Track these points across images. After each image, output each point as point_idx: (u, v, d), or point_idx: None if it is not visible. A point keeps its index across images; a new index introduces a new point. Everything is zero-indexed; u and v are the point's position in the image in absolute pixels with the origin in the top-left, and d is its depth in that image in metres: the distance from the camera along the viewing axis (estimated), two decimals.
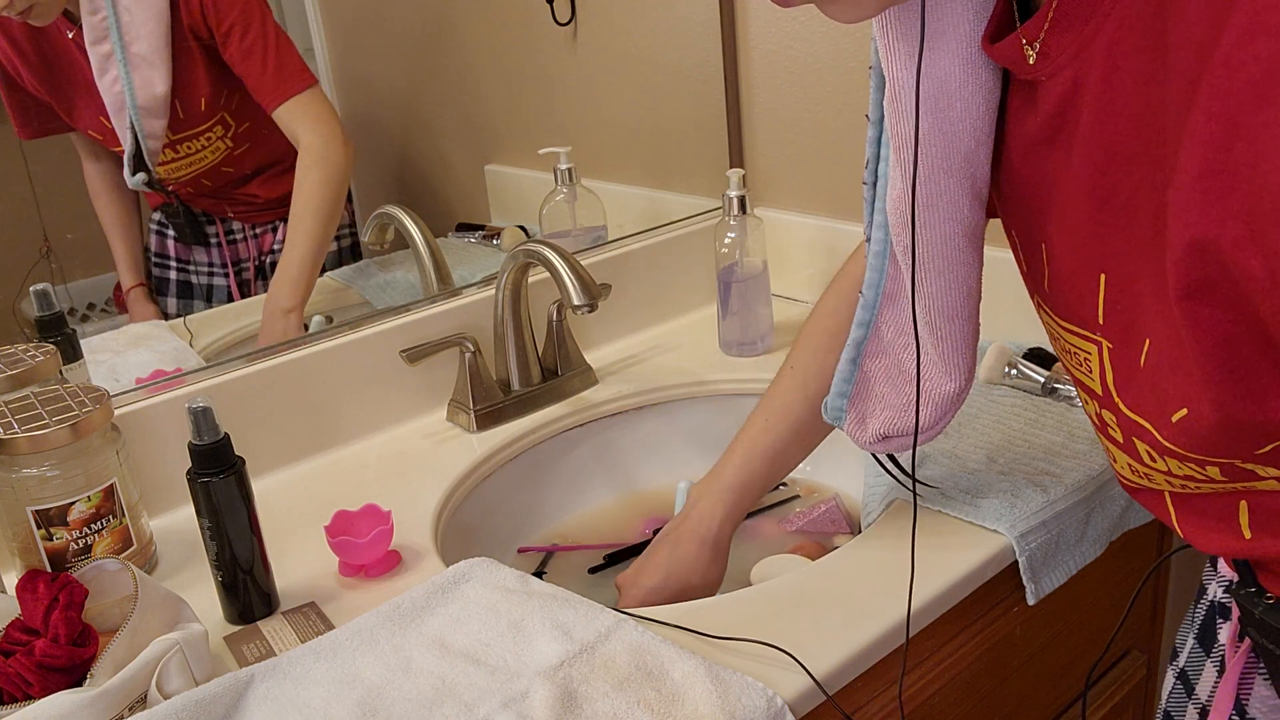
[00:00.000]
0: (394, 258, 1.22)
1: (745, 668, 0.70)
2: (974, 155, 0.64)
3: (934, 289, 0.70)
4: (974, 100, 0.62)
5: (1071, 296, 0.61)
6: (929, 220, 0.67)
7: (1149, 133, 0.49)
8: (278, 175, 1.15)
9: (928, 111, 0.63)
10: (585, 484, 1.15)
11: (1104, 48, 0.51)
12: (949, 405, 0.76)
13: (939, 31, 0.60)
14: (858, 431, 0.80)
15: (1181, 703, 0.78)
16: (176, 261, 1.15)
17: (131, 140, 1.05)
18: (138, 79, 1.03)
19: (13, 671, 0.69)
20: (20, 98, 1.00)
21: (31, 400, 0.85)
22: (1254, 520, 0.60)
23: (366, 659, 0.73)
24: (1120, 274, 0.55)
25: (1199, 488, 0.60)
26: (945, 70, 0.61)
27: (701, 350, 1.27)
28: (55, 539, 0.83)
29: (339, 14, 1.18)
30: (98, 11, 1.00)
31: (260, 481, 1.00)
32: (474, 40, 1.32)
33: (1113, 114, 0.52)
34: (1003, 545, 0.82)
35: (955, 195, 0.66)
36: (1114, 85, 0.51)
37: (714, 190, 1.34)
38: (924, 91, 0.62)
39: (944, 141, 0.64)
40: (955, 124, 0.63)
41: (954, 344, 0.73)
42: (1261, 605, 0.65)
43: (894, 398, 0.78)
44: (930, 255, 0.69)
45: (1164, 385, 0.54)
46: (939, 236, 0.68)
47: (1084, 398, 0.65)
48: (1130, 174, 0.52)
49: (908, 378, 0.76)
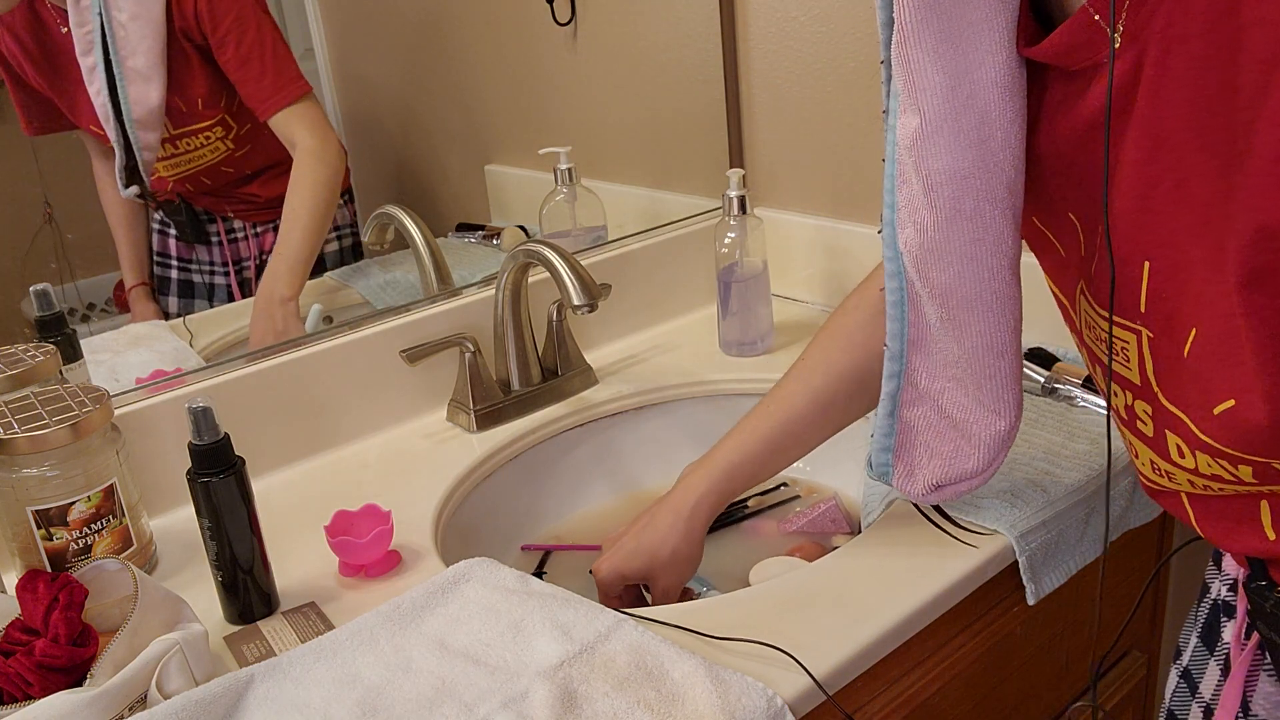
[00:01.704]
0: (394, 258, 1.23)
1: (745, 668, 0.70)
2: (1014, 183, 0.63)
3: (982, 326, 0.68)
4: (1012, 127, 0.61)
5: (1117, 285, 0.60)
6: (974, 254, 0.65)
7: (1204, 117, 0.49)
8: (278, 176, 1.15)
9: (969, 144, 0.61)
10: (585, 484, 1.15)
11: (1159, 30, 0.50)
12: (1000, 445, 0.74)
13: (975, 61, 0.59)
14: (907, 484, 0.79)
15: (1185, 701, 0.78)
16: (178, 260, 1.15)
17: (124, 152, 1.05)
18: (133, 92, 1.02)
19: (13, 671, 0.69)
20: (25, 93, 1.00)
21: (31, 400, 0.85)
22: (1278, 519, 0.60)
23: (366, 659, 0.73)
24: (1166, 262, 0.54)
25: (1221, 489, 0.59)
26: (984, 100, 0.60)
27: (701, 350, 1.27)
28: (55, 539, 0.83)
29: (339, 14, 1.18)
30: (85, 25, 0.99)
31: (260, 481, 1.00)
32: (474, 40, 1.32)
33: (1163, 100, 0.51)
34: (1003, 545, 0.82)
35: (1000, 228, 0.64)
36: (1167, 69, 0.50)
37: (714, 190, 1.34)
38: (965, 124, 0.61)
39: (987, 175, 0.62)
40: (997, 154, 0.61)
41: (1001, 380, 0.71)
42: (1273, 599, 0.65)
43: (940, 445, 0.76)
44: (978, 293, 0.67)
45: (1210, 376, 0.53)
46: (987, 272, 0.66)
47: (1115, 389, 0.64)
48: (1181, 160, 0.51)
49: (951, 423, 0.74)
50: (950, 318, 0.69)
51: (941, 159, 0.62)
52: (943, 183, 0.63)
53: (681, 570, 0.89)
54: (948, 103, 0.60)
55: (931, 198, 0.64)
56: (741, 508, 1.10)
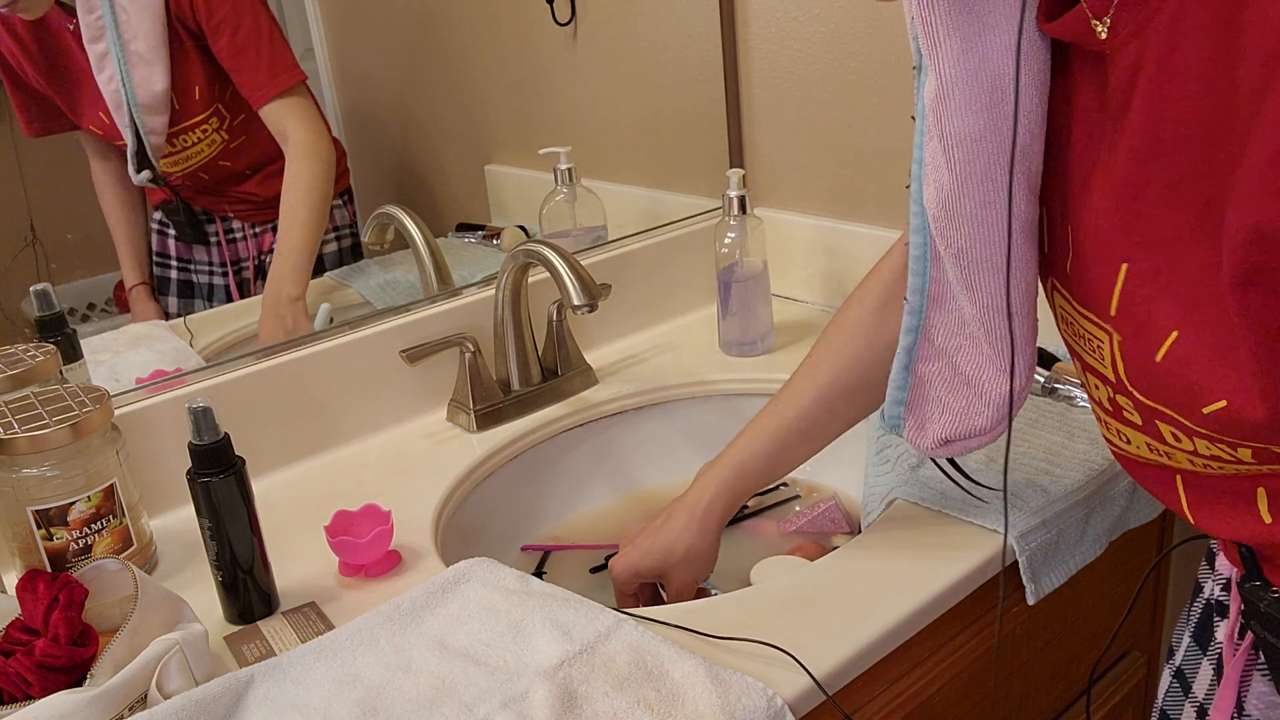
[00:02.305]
0: (394, 258, 1.23)
1: (745, 668, 0.70)
2: (1029, 149, 0.63)
3: (993, 288, 0.68)
4: (1028, 92, 0.61)
5: (1087, 284, 0.60)
6: (986, 218, 0.65)
7: (1205, 116, 0.48)
8: (275, 174, 1.15)
9: (981, 108, 0.61)
10: (585, 484, 1.15)
11: (1165, 24, 0.50)
12: (1009, 405, 0.74)
13: (989, 24, 0.59)
14: (917, 437, 0.79)
15: (1178, 701, 0.78)
16: (177, 260, 1.15)
17: (134, 137, 1.05)
18: (137, 77, 1.03)
19: (13, 671, 0.69)
20: (25, 94, 1.00)
21: (31, 400, 0.85)
22: (1274, 504, 0.59)
23: (366, 659, 0.73)
24: (1148, 264, 0.54)
25: (1222, 468, 0.59)
26: (998, 65, 0.60)
27: (701, 350, 1.27)
28: (55, 539, 0.83)
29: (339, 13, 1.18)
30: (93, 10, 1.00)
31: (260, 481, 1.00)
32: (474, 40, 1.32)
33: (1164, 98, 0.51)
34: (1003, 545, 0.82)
35: (1012, 192, 0.64)
36: (1171, 65, 0.50)
37: (714, 190, 1.34)
38: (977, 88, 0.61)
39: (997, 139, 0.62)
40: (1009, 119, 0.61)
41: (1011, 341, 0.71)
42: (1267, 599, 0.65)
43: (952, 401, 0.76)
44: (989, 254, 0.67)
45: (1194, 379, 0.52)
46: (997, 234, 0.66)
47: (1094, 383, 0.64)
48: (1177, 160, 0.51)
49: (964, 380, 0.75)
50: (964, 278, 0.69)
51: (954, 121, 0.63)
52: (956, 144, 0.63)
53: (696, 569, 0.89)
54: (960, 65, 0.61)
55: (948, 158, 0.64)
56: (742, 508, 1.10)
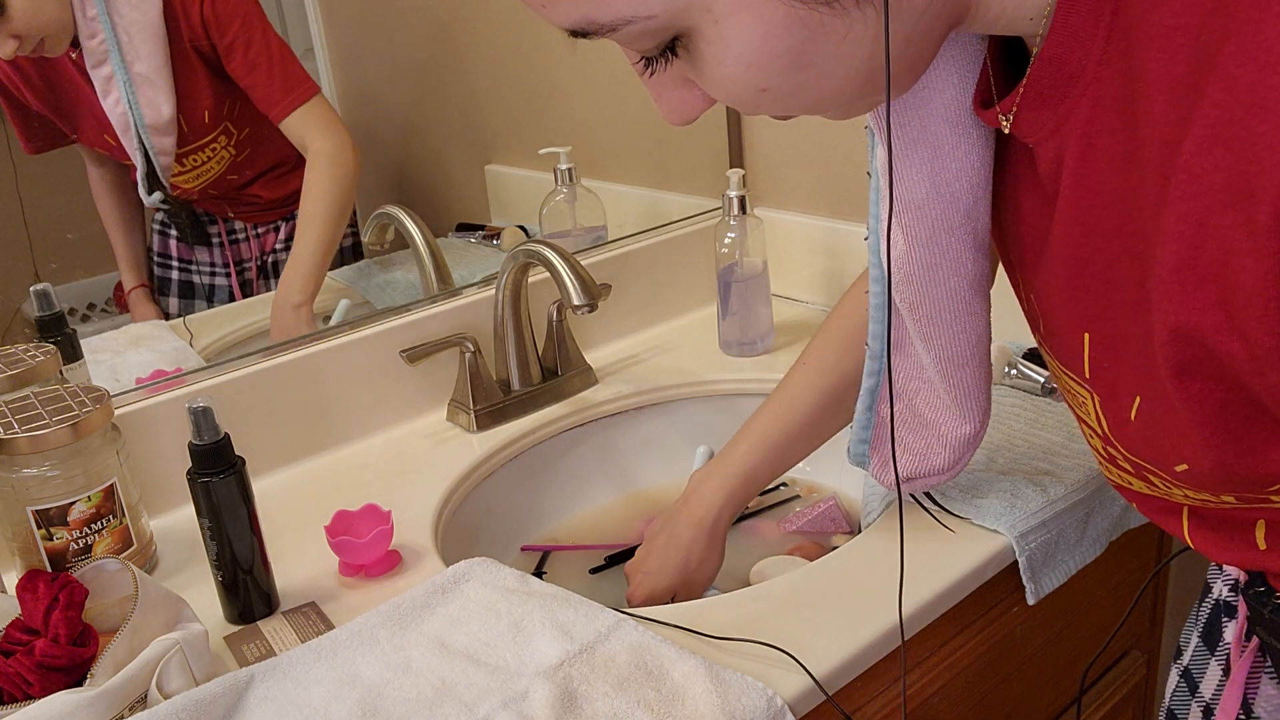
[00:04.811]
0: (394, 258, 1.23)
1: (745, 668, 0.70)
2: (974, 210, 0.65)
3: (943, 340, 0.72)
4: (968, 159, 0.63)
5: (1062, 348, 0.61)
6: (934, 279, 0.68)
7: (1125, 207, 0.50)
8: (280, 177, 1.16)
9: (924, 176, 0.64)
10: (585, 484, 1.15)
11: (1080, 126, 0.51)
12: (966, 447, 0.79)
13: (926, 99, 0.62)
14: (882, 474, 0.83)
15: (1185, 701, 0.78)
16: (179, 261, 1.15)
17: (143, 160, 1.05)
18: (143, 99, 1.03)
19: (13, 671, 0.69)
20: (25, 114, 1.00)
21: (31, 400, 0.85)
22: (1270, 535, 0.60)
23: (366, 659, 0.73)
24: (1104, 334, 0.55)
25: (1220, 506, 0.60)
26: (937, 134, 0.62)
27: (701, 350, 1.27)
28: (55, 539, 0.83)
29: (340, 14, 1.18)
30: (95, 35, 1.00)
31: (260, 481, 1.00)
32: (474, 40, 1.32)
33: (1088, 190, 0.52)
34: (1003, 545, 0.82)
35: (958, 252, 0.67)
36: (1090, 162, 0.52)
37: (714, 190, 1.34)
38: (920, 157, 0.63)
39: (942, 203, 0.65)
40: (952, 184, 0.64)
41: (966, 389, 0.75)
42: (1271, 605, 0.65)
43: (913, 441, 0.80)
44: (938, 310, 0.70)
45: (1161, 441, 0.54)
46: (945, 293, 0.69)
47: (1088, 433, 0.65)
48: (1109, 244, 0.52)
49: (923, 421, 0.79)
50: (919, 329, 0.72)
51: (899, 186, 0.65)
52: (903, 209, 0.66)
53: (709, 574, 0.92)
54: (901, 137, 0.63)
55: (899, 219, 0.67)
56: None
